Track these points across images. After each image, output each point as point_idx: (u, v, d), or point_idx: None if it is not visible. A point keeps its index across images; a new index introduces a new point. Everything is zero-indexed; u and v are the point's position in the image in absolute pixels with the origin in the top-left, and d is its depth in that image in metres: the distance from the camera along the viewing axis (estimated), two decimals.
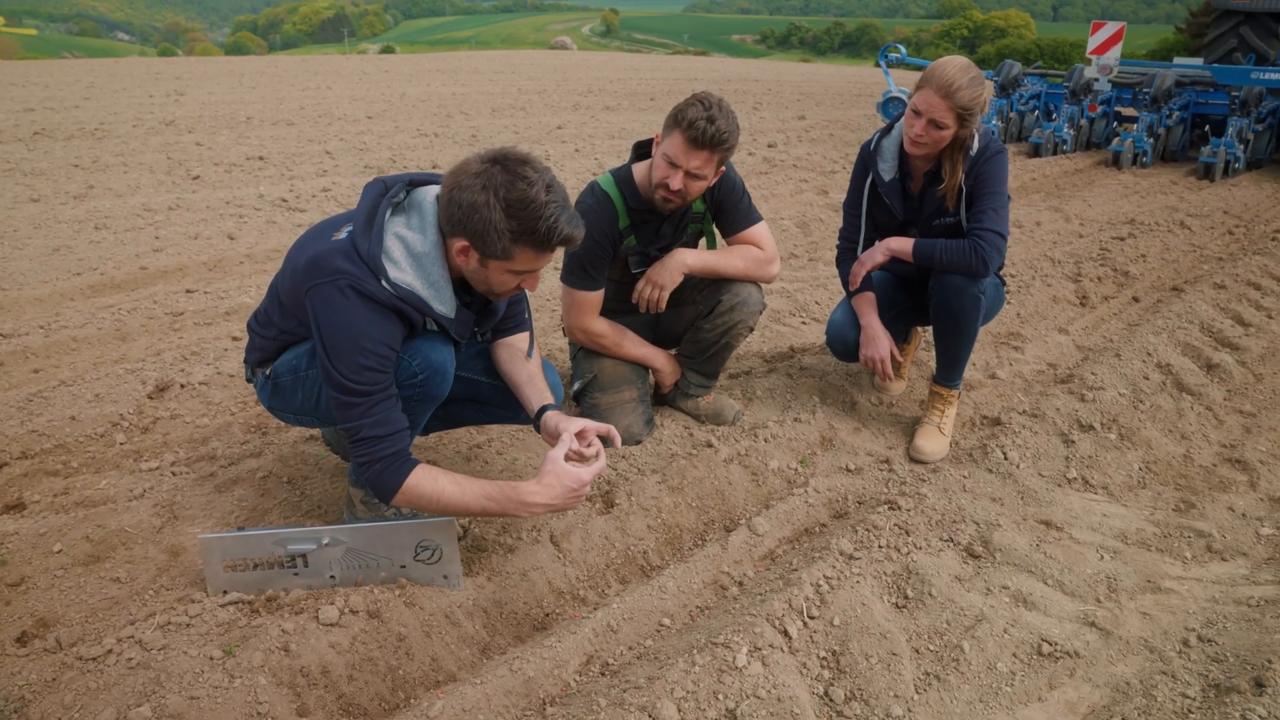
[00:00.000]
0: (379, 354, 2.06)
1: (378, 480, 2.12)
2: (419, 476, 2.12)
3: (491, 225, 1.99)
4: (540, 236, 2.01)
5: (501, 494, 2.15)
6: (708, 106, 2.69)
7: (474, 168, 2.01)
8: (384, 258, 2.07)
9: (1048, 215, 7.33)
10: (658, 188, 2.85)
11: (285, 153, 10.04)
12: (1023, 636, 2.23)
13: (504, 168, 2.00)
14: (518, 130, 12.98)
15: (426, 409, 2.32)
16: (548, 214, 1.99)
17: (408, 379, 2.19)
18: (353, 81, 21.97)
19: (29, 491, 2.86)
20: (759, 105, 18.19)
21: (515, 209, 1.98)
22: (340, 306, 2.03)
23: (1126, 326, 4.64)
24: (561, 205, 2.03)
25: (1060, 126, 10.97)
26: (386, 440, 2.10)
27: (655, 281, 3.06)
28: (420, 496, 2.13)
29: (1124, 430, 3.33)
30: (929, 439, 3.22)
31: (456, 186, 2.02)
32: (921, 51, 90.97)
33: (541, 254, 2.09)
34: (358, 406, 2.07)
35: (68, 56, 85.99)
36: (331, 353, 2.05)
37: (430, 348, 2.20)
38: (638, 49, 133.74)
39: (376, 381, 2.08)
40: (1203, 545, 2.71)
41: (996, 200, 2.93)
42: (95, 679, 1.98)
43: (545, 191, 1.99)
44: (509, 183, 1.98)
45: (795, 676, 2.02)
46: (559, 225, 2.02)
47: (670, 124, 2.75)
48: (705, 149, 2.71)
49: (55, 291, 4.87)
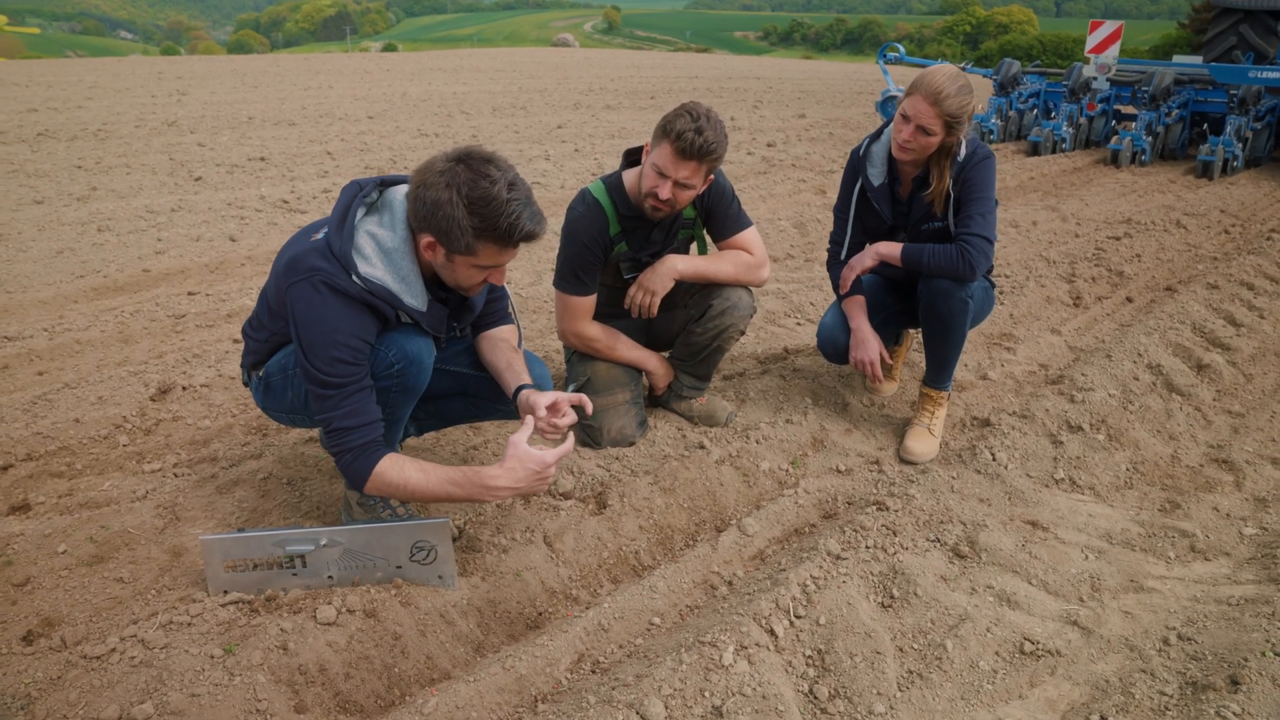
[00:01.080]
0: (351, 346, 2.13)
1: (349, 469, 2.19)
2: (386, 465, 2.18)
3: (455, 222, 2.05)
4: (502, 233, 2.08)
5: (465, 479, 2.20)
6: (696, 117, 2.74)
7: (439, 166, 2.07)
8: (355, 254, 2.14)
9: (1044, 215, 7.37)
10: (647, 196, 2.90)
11: (287, 153, 10.10)
12: (1005, 635, 2.28)
13: (468, 165, 2.06)
14: (518, 130, 13.02)
15: (407, 400, 2.37)
16: (509, 211, 2.05)
17: (384, 370, 2.25)
18: (354, 80, 22.03)
19: (34, 493, 2.91)
20: (759, 104, 18.21)
21: (477, 206, 2.04)
22: (314, 302, 2.10)
23: (1119, 327, 4.68)
24: (524, 203, 2.09)
25: (1059, 125, 11.00)
26: (358, 431, 2.17)
27: (646, 287, 3.11)
28: (389, 484, 2.19)
29: (1112, 431, 3.37)
30: (919, 440, 3.26)
31: (422, 184, 2.09)
32: (924, 48, 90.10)
33: (504, 250, 2.14)
34: (331, 398, 2.14)
35: (71, 55, 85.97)
36: (307, 348, 2.13)
37: (406, 339, 2.27)
38: (640, 46, 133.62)
39: (349, 374, 2.14)
40: (1186, 545, 2.75)
41: (984, 205, 2.97)
42: (99, 677, 2.03)
43: (507, 189, 2.05)
44: (472, 180, 2.04)
45: (780, 674, 2.07)
46: (520, 222, 2.08)
47: (659, 134, 2.79)
48: (694, 159, 2.76)
49: (59, 294, 4.93)
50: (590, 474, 2.97)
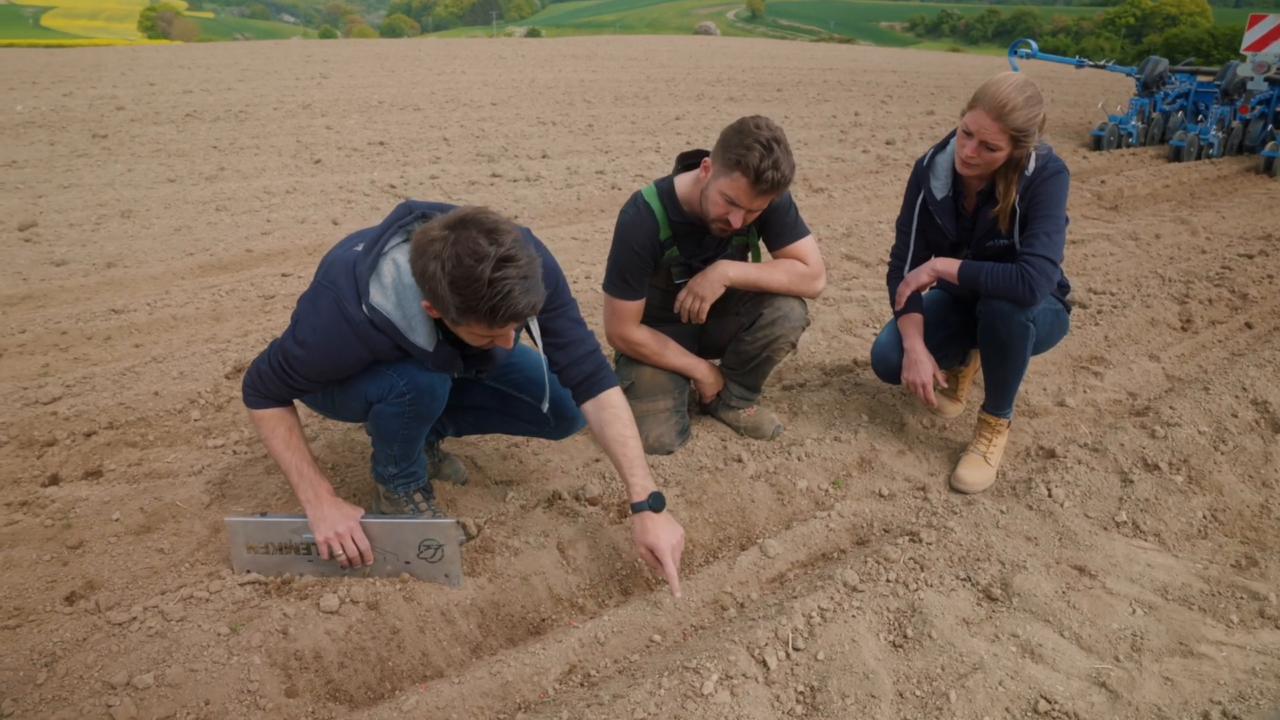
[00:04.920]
0: (321, 370, 2.24)
1: (245, 392, 2.33)
2: (270, 414, 2.32)
3: (439, 298, 1.98)
4: (484, 314, 1.97)
5: (303, 482, 2.33)
6: (769, 149, 2.61)
7: (434, 233, 1.97)
8: (373, 280, 2.14)
9: (1170, 227, 6.84)
10: (715, 221, 2.82)
11: (405, 138, 10.46)
12: (1020, 691, 2.13)
13: (458, 239, 1.94)
14: (634, 120, 13.06)
15: (421, 424, 2.40)
16: (494, 292, 1.93)
17: (395, 397, 2.28)
18: (488, 66, 22.61)
19: (109, 460, 3.12)
20: (888, 99, 17.65)
21: (459, 286, 1.93)
22: (320, 311, 2.16)
23: (1229, 356, 4.29)
24: (516, 280, 1.95)
25: (1207, 129, 10.19)
26: (272, 391, 2.29)
27: (696, 293, 3.05)
28: (258, 427, 2.34)
29: (1194, 472, 3.10)
30: (972, 468, 3.09)
31: (416, 250, 2.01)
32: (1080, 42, 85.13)
33: (493, 328, 2.04)
34: (279, 371, 2.24)
35: (239, 39, 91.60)
36: (294, 334, 2.20)
37: (418, 369, 2.28)
38: (782, 35, 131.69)
39: (305, 375, 2.24)
40: (1255, 609, 2.50)
41: (1050, 224, 2.77)
42: (117, 643, 2.16)
43: (494, 268, 1.91)
44: (457, 257, 1.92)
45: (765, 709, 2.00)
46: (507, 303, 1.95)
47: (730, 164, 2.67)
48: (771, 194, 2.70)
49: (168, 270, 5.27)
50: (620, 480, 2.94)
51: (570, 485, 2.92)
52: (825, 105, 16.17)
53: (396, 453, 2.47)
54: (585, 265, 5.56)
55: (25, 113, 11.44)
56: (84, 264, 5.36)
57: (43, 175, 7.84)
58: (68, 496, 2.82)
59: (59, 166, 8.25)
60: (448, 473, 2.97)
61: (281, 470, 2.34)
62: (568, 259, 5.84)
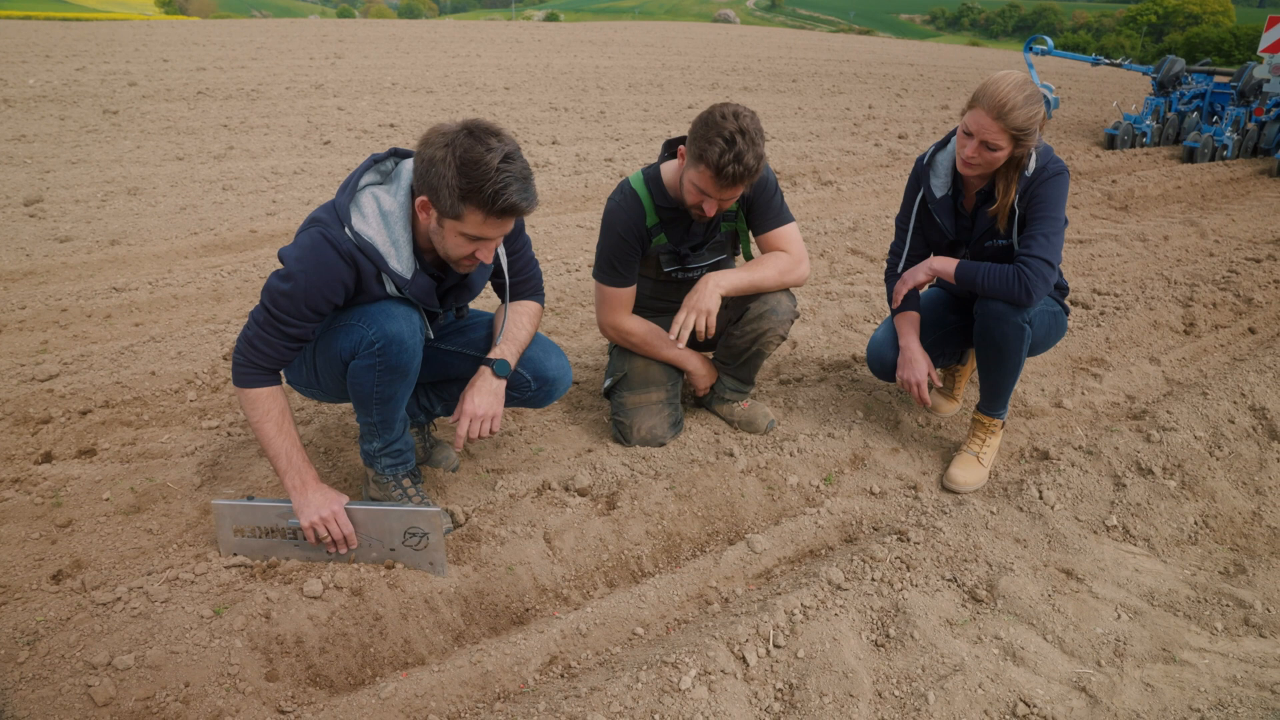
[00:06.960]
0: (312, 302, 2.22)
1: (235, 375, 2.30)
2: (263, 395, 2.30)
3: (444, 181, 2.10)
4: (485, 198, 2.10)
5: (290, 469, 2.32)
6: (731, 142, 2.60)
7: (446, 129, 2.14)
8: (353, 208, 2.24)
9: (1179, 229, 6.78)
10: (692, 208, 2.84)
11: (416, 120, 10.44)
12: (999, 694, 2.12)
13: (470, 133, 2.11)
14: (647, 108, 13.01)
15: (394, 380, 2.38)
16: (497, 178, 2.09)
17: (365, 349, 2.31)
18: (503, 50, 22.57)
19: (103, 439, 3.14)
20: (903, 92, 17.54)
21: (467, 168, 2.08)
22: (303, 243, 2.21)
23: (1230, 360, 4.26)
24: (516, 176, 2.12)
25: (1222, 130, 10.09)
26: (264, 358, 2.27)
27: (697, 308, 2.92)
28: (251, 411, 2.31)
29: (1188, 478, 3.08)
30: (964, 469, 3.08)
31: (425, 143, 2.16)
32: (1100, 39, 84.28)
33: (489, 218, 2.16)
34: (268, 321, 2.23)
35: (256, 16, 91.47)
36: (278, 275, 2.22)
37: (387, 319, 2.30)
38: (801, 25, 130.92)
39: (294, 315, 2.22)
40: (1240, 617, 2.49)
41: (1049, 225, 2.75)
42: (101, 623, 2.17)
43: (501, 160, 2.09)
44: (469, 145, 2.09)
45: (742, 705, 2.00)
46: (506, 192, 2.11)
47: (696, 157, 2.70)
48: (737, 185, 2.70)
49: (172, 249, 5.28)
50: (611, 471, 2.94)
51: (560, 475, 2.92)
52: (840, 97, 16.08)
53: (376, 419, 2.48)
54: (588, 254, 5.54)
55: (37, 86, 11.47)
56: (88, 241, 5.38)
57: (51, 150, 7.86)
58: (60, 475, 2.84)
59: (68, 142, 8.27)
60: (439, 459, 2.98)
61: (269, 456, 2.34)
62: (571, 247, 5.83)
